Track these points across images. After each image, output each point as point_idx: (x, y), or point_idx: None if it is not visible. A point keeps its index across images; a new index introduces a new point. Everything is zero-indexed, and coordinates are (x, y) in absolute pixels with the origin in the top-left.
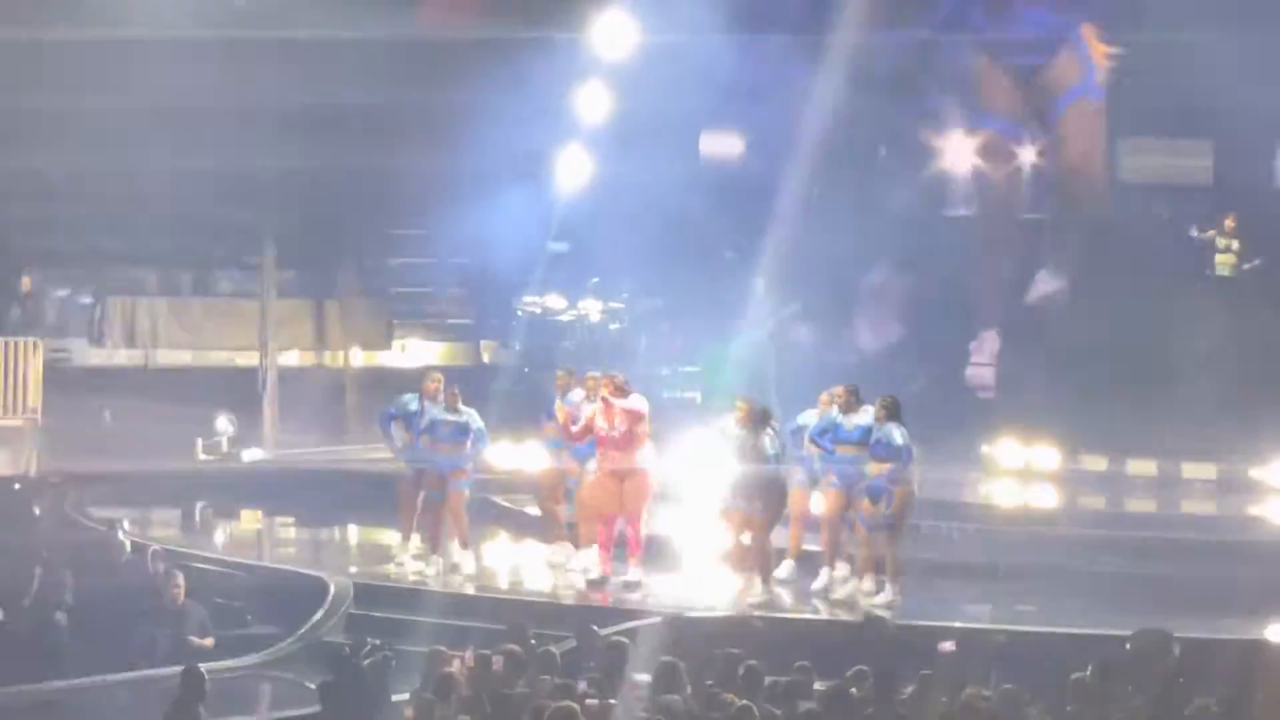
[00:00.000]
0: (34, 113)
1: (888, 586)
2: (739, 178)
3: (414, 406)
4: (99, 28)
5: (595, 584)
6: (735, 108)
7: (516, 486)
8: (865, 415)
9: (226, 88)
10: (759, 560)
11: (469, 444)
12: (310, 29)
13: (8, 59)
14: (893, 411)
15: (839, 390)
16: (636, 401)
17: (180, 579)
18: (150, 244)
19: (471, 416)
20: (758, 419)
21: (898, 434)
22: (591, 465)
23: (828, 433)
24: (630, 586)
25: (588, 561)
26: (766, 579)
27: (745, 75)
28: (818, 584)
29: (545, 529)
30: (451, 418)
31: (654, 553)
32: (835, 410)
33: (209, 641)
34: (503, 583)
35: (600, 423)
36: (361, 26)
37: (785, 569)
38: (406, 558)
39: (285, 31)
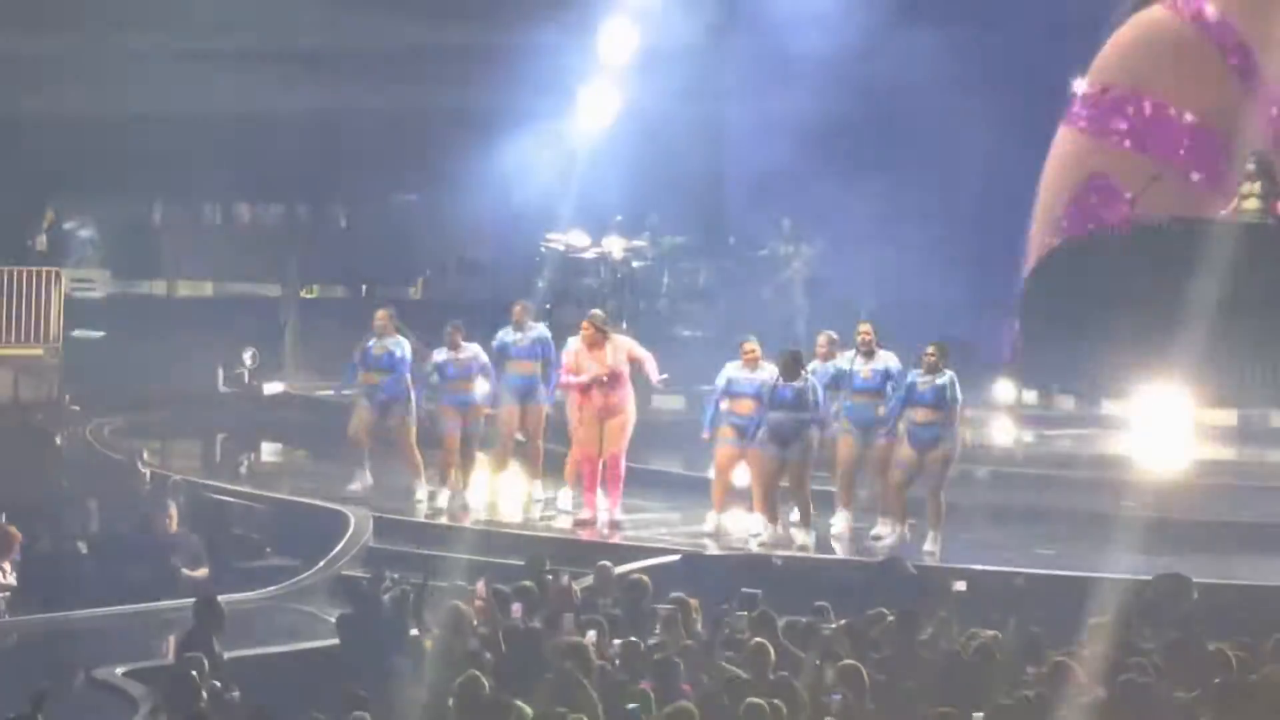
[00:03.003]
0: (58, 50)
1: (932, 534)
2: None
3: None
4: None
5: (582, 523)
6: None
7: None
8: (884, 359)
9: (249, 27)
10: (801, 504)
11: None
12: None
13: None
14: (948, 358)
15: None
16: (619, 345)
17: (173, 509)
18: (173, 178)
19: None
20: (794, 364)
21: (949, 382)
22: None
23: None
24: (612, 525)
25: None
26: (807, 523)
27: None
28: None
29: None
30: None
31: (676, 489)
32: (852, 355)
33: (202, 572)
34: (522, 519)
35: (582, 363)
36: None
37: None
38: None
39: None
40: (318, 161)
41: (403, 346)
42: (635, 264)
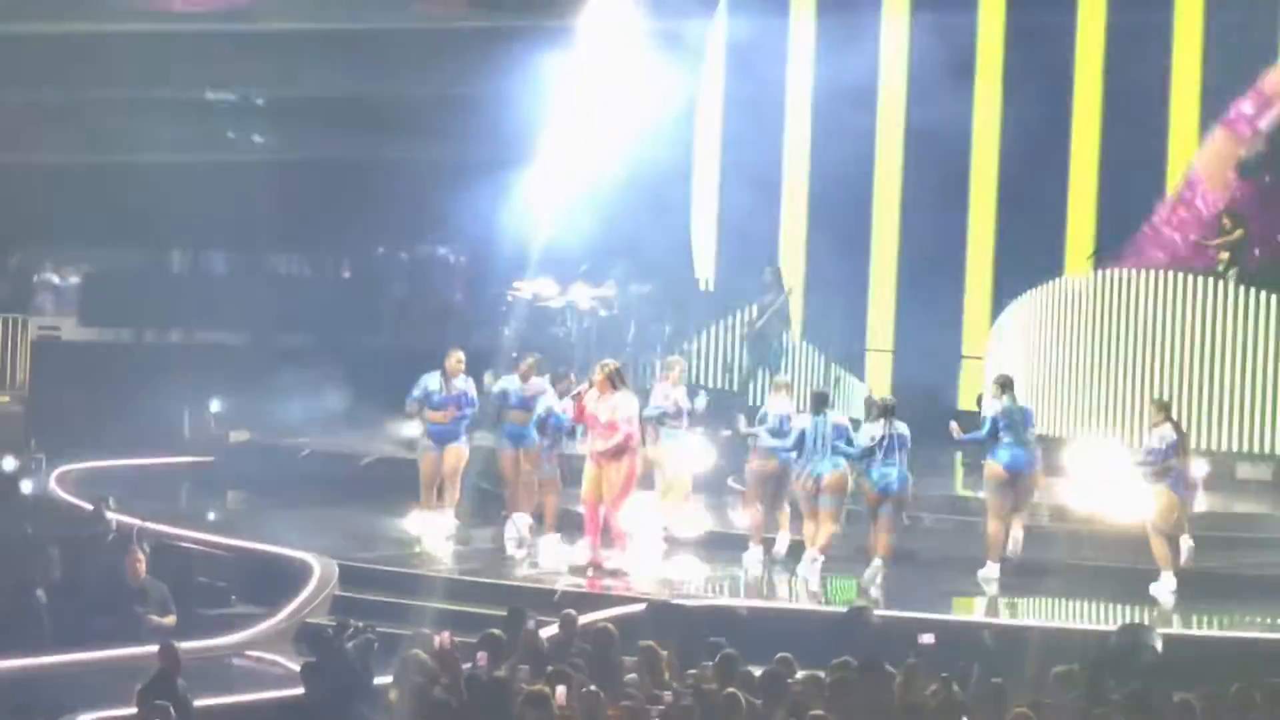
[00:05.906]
0: (29, 101)
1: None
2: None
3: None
4: (97, 21)
5: (578, 569)
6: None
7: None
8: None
9: (220, 79)
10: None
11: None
12: (299, 21)
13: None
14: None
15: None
16: (621, 401)
17: (140, 555)
18: (144, 226)
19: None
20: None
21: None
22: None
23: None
24: (609, 574)
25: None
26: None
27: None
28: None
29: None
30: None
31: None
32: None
33: (170, 619)
34: (491, 566)
35: (590, 408)
36: (352, 18)
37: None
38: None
39: (275, 24)
40: (286, 211)
41: (472, 386)
42: (602, 313)
